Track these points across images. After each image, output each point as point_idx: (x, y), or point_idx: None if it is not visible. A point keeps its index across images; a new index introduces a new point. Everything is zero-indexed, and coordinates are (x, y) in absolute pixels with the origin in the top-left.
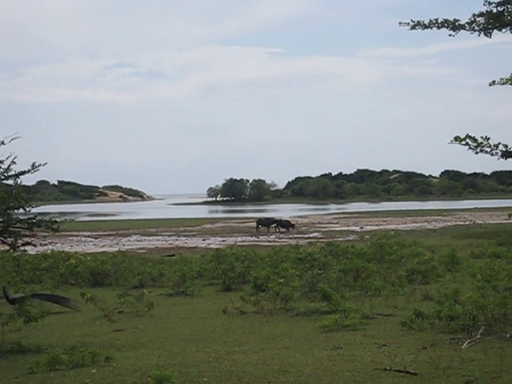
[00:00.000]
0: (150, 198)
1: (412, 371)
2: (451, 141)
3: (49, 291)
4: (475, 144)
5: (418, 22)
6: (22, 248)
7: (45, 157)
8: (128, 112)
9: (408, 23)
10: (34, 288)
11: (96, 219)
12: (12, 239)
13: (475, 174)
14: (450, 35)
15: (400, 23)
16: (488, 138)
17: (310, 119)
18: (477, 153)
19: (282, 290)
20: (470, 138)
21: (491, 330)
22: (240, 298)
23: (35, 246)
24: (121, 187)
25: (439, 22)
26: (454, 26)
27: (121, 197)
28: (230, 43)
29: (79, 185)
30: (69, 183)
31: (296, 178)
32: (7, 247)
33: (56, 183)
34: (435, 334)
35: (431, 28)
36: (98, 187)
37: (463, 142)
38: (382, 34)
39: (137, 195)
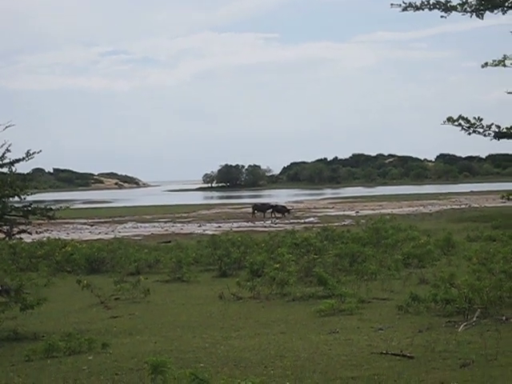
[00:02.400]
0: (145, 185)
1: (408, 355)
2: (444, 121)
3: (45, 279)
4: (468, 125)
5: (410, 3)
6: (17, 236)
7: (40, 144)
8: (123, 99)
9: (400, 5)
10: (30, 276)
11: (91, 206)
12: (7, 227)
13: (470, 158)
14: (441, 17)
15: (392, 5)
16: (481, 119)
17: (306, 104)
18: (469, 134)
19: (278, 275)
20: (462, 118)
21: (487, 313)
22: (236, 283)
23: (31, 233)
24: (116, 174)
25: (431, 3)
26: (446, 7)
27: (116, 184)
28: (224, 29)
29: (75, 172)
30: (64, 171)
31: (291, 164)
32: (3, 235)
33: (51, 171)
34: (431, 317)
35: (423, 9)
36: (94, 174)
37: (456, 123)
38: (376, 18)
39: (132, 182)
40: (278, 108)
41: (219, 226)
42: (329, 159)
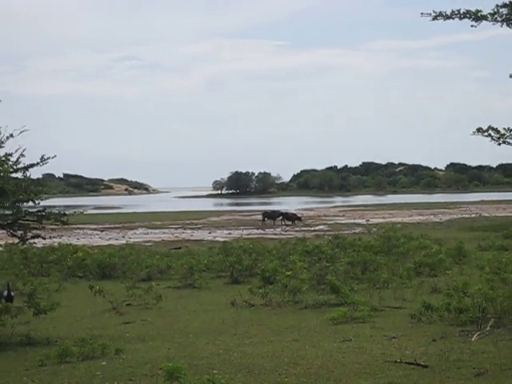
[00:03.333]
0: (155, 191)
1: (422, 363)
2: (473, 132)
3: (57, 284)
4: (498, 135)
5: (440, 12)
6: (31, 241)
7: (50, 150)
8: (133, 105)
9: (430, 14)
10: (42, 281)
11: (102, 212)
12: (21, 232)
13: (481, 167)
14: (472, 26)
15: (422, 14)
16: (511, 130)
17: (315, 112)
18: (499, 144)
19: (291, 282)
20: (492, 129)
21: (501, 323)
22: (248, 290)
23: (44, 238)
24: (126, 180)
25: (461, 12)
26: (476, 16)
27: (126, 190)
28: (235, 36)
29: (85, 178)
30: (74, 176)
31: (301, 171)
32: (16, 240)
33: (61, 176)
34: (444, 326)
35: (453, 19)
36: (104, 180)
37: (485, 134)
38: (385, 26)
39: (142, 188)
40: (289, 115)
41: (229, 233)
42: (339, 167)
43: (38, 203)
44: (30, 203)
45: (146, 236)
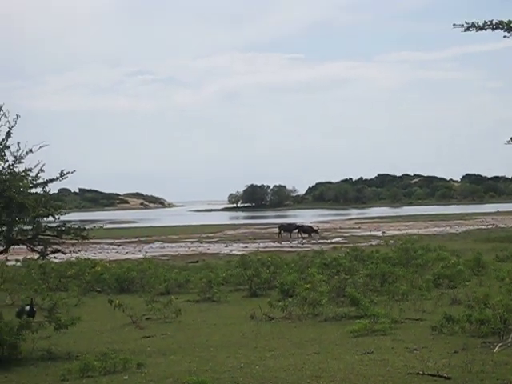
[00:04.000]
0: (170, 205)
1: (445, 375)
2: (508, 141)
3: (75, 298)
4: None
5: (472, 23)
6: (51, 255)
7: (65, 164)
8: (148, 119)
9: (462, 25)
10: (60, 296)
11: (118, 226)
12: (41, 247)
13: (496, 178)
14: (504, 37)
15: (454, 25)
16: None
17: (330, 124)
18: None
19: (310, 295)
20: None
21: None
22: (268, 303)
23: (64, 253)
24: (141, 194)
25: (494, 23)
26: (509, 27)
27: (142, 204)
28: (249, 49)
29: (100, 192)
30: (90, 191)
31: (316, 184)
32: (35, 255)
33: (77, 191)
34: (466, 337)
35: (485, 29)
36: (119, 194)
37: None
38: (400, 38)
39: (157, 202)
40: (303, 128)
41: (246, 246)
42: (354, 179)
43: (58, 218)
44: (50, 218)
45: (162, 250)
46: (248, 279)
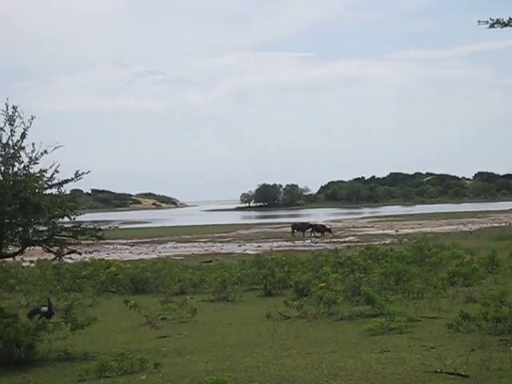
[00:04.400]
0: (183, 205)
1: (463, 373)
2: None
3: (90, 299)
4: None
5: (497, 20)
6: (67, 256)
7: (77, 165)
8: (159, 119)
9: (487, 21)
10: (75, 296)
11: (130, 227)
12: (57, 247)
13: (509, 176)
14: None
15: (479, 22)
16: None
17: (342, 123)
18: None
19: (326, 294)
20: None
21: None
22: (283, 302)
23: (80, 254)
24: (154, 194)
25: None
26: None
27: (154, 204)
28: (259, 49)
29: (112, 193)
30: (102, 191)
31: (329, 183)
32: (49, 256)
33: (89, 192)
34: (482, 335)
35: (511, 26)
36: (131, 195)
37: None
38: (409, 36)
39: (170, 202)
40: (315, 126)
41: (259, 246)
42: (366, 178)
43: (74, 219)
44: (65, 219)
45: (175, 250)
46: (263, 278)
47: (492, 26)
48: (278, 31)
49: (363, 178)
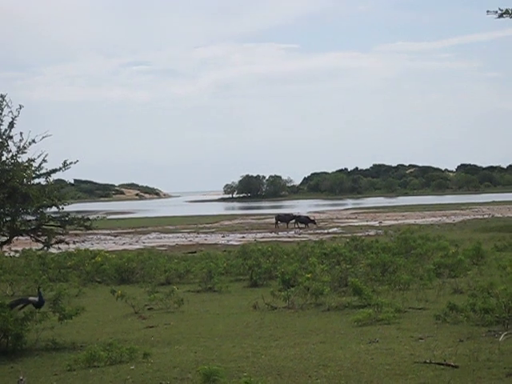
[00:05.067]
0: (166, 196)
1: (452, 364)
2: None
3: (76, 289)
4: None
5: (506, 10)
6: (55, 246)
7: (61, 155)
8: (143, 110)
9: (496, 11)
10: (61, 286)
11: (114, 217)
12: (45, 237)
13: (492, 168)
14: None
15: (488, 12)
16: None
17: (326, 115)
18: None
19: (313, 284)
20: None
21: None
22: (270, 293)
23: (68, 243)
24: (137, 185)
25: None
26: None
27: (137, 195)
28: (245, 40)
29: (96, 183)
30: (85, 182)
31: (312, 174)
32: (36, 245)
33: (72, 182)
34: (470, 326)
35: None
36: (115, 185)
37: None
38: (397, 28)
39: (153, 193)
40: (299, 118)
41: (243, 237)
42: (349, 169)
43: (62, 208)
44: (53, 208)
45: (159, 240)
46: (249, 269)
47: (501, 15)
48: (264, 22)
49: (346, 169)
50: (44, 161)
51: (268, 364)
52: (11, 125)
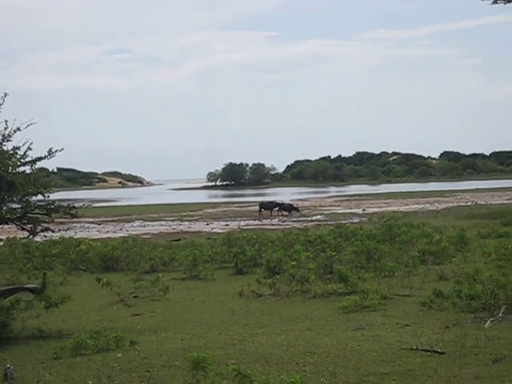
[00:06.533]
0: (149, 184)
1: (439, 350)
2: None
3: (61, 277)
4: None
5: None
6: (41, 234)
7: (44, 143)
8: (126, 98)
9: None
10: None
11: (97, 205)
12: (31, 225)
13: (474, 155)
14: None
15: None
16: None
17: (309, 102)
18: None
19: (298, 272)
20: None
21: None
22: (256, 280)
23: (54, 231)
24: (120, 173)
25: None
26: None
27: (120, 183)
28: (226, 28)
29: (78, 171)
30: (68, 170)
31: (295, 162)
32: (21, 234)
33: (56, 170)
34: (456, 313)
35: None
36: (98, 173)
37: None
38: (378, 15)
39: (136, 181)
40: (281, 106)
41: (227, 225)
42: (332, 157)
43: (48, 196)
44: (38, 196)
45: (143, 228)
46: (233, 257)
47: (495, 1)
48: (245, 10)
49: (329, 157)
50: (29, 149)
51: (255, 351)
52: None
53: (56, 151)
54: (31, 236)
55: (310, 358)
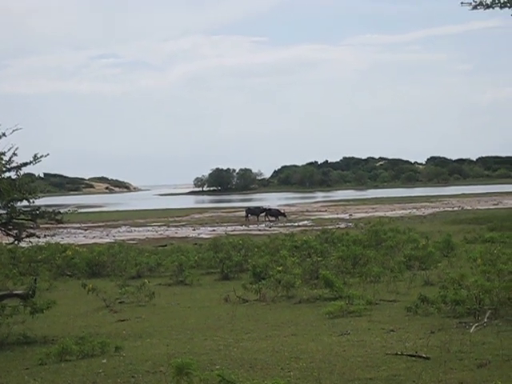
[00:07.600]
0: (136, 189)
1: (424, 355)
2: None
3: (47, 283)
4: None
5: (480, 1)
6: (26, 240)
7: (30, 149)
8: (113, 103)
9: (470, 3)
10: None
11: (84, 211)
12: (16, 231)
13: (461, 160)
14: None
15: (462, 3)
16: None
17: (296, 107)
18: None
19: (284, 277)
20: None
21: (497, 314)
22: (241, 286)
23: (39, 237)
24: (107, 179)
25: (501, 1)
26: None
27: (107, 188)
28: (214, 33)
29: (65, 177)
30: (55, 175)
31: (282, 167)
32: (11, 239)
33: (42, 175)
34: (441, 318)
35: (493, 8)
36: (84, 179)
37: None
38: (366, 20)
39: (123, 186)
40: (269, 111)
41: (213, 230)
42: (319, 162)
43: (33, 202)
44: (24, 202)
45: (129, 234)
46: (220, 262)
47: (475, 7)
48: (232, 15)
49: (316, 162)
50: (14, 154)
51: (240, 357)
52: None
53: (41, 156)
54: (16, 242)
55: (295, 363)
